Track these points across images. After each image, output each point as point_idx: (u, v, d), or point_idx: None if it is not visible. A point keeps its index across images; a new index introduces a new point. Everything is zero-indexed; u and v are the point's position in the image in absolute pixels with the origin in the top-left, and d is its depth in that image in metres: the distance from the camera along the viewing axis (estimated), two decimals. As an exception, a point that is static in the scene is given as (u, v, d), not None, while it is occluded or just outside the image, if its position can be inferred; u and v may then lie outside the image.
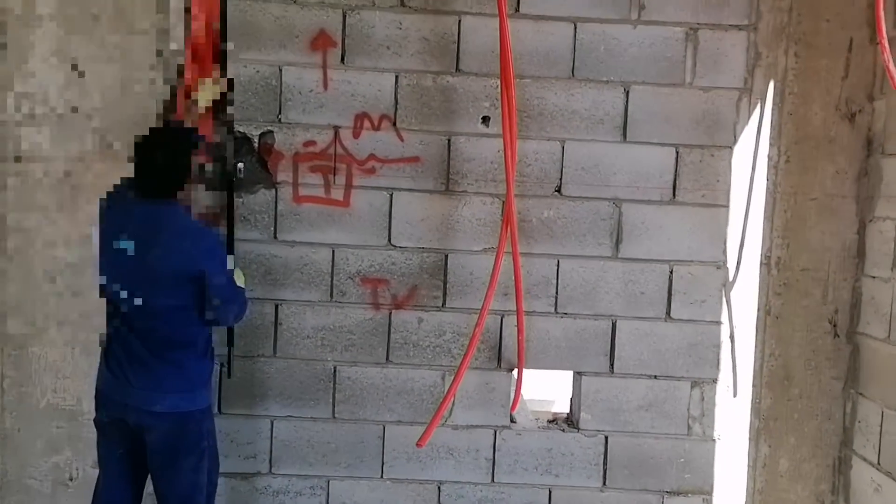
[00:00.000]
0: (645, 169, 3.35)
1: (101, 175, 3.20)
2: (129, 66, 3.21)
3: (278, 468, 3.41)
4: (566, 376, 3.57)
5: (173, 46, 3.25)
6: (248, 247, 3.32)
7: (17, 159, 3.17)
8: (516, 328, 3.34)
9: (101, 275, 2.74)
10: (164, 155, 2.67)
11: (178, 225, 2.68)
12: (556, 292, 3.39)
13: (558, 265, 3.39)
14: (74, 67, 3.17)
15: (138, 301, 2.65)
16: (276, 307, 3.36)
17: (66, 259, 3.23)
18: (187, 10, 3.19)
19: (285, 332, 3.36)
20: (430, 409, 3.35)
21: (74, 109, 3.19)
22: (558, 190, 3.37)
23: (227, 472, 3.34)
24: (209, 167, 2.91)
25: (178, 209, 2.73)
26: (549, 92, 3.33)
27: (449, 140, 3.34)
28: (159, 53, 3.24)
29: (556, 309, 3.40)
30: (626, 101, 3.35)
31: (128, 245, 2.66)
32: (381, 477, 3.42)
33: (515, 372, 3.43)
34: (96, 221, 2.80)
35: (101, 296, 2.77)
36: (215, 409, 3.34)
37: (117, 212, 2.74)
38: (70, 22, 3.15)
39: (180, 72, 3.22)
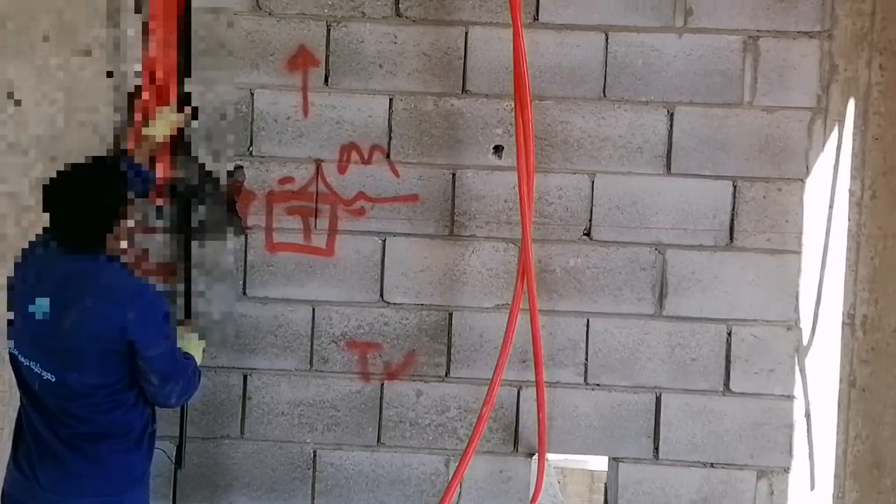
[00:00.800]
0: (694, 207, 2.74)
1: (39, 223, 2.68)
2: (74, 92, 2.70)
3: (247, 573, 2.79)
4: (600, 460, 2.90)
5: (126, 68, 2.74)
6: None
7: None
8: (536, 403, 2.71)
9: (9, 339, 2.18)
10: (81, 197, 2.11)
11: (102, 283, 2.11)
12: (586, 359, 2.76)
13: (588, 325, 2.76)
14: (10, 95, 2.67)
15: (49, 377, 2.08)
16: (245, 378, 2.78)
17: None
18: (144, 24, 2.69)
19: (255, 407, 2.78)
20: (432, 502, 2.73)
21: (10, 145, 2.68)
22: (587, 233, 2.76)
23: (183, 581, 2.73)
24: (153, 210, 2.35)
25: (107, 264, 2.15)
26: (575, 115, 2.75)
27: (454, 174, 2.76)
28: (109, 75, 2.74)
29: (585, 379, 2.76)
30: (671, 125, 2.75)
31: (41, 307, 2.10)
32: (373, 587, 2.78)
33: (536, 457, 2.79)
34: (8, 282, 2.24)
35: (13, 368, 2.21)
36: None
37: (34, 268, 2.17)
38: (3, 40, 2.67)
39: (135, 96, 2.72)
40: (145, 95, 2.68)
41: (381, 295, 2.78)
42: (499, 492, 2.78)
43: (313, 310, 2.78)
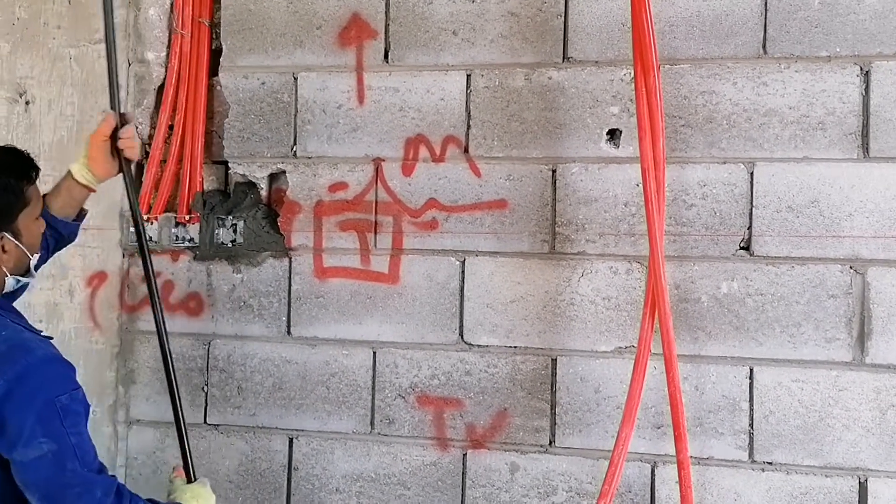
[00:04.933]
0: (910, 204, 1.87)
1: (50, 244, 2.20)
2: (91, 87, 2.23)
3: None
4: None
5: (150, 56, 2.25)
6: (249, 348, 2.17)
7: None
8: (679, 488, 1.90)
9: None
10: None
11: None
12: (751, 426, 1.93)
13: (752, 377, 1.94)
14: (21, 95, 2.23)
15: None
16: (291, 442, 2.15)
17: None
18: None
19: (304, 481, 2.14)
20: None
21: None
22: (746, 246, 1.95)
23: None
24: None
25: None
26: (722, 82, 1.97)
27: (554, 171, 2.04)
28: (129, 64, 2.25)
29: (751, 455, 1.93)
30: (866, 89, 1.91)
31: None
32: None
33: (681, 565, 1.97)
34: None
35: None
36: None
37: None
38: (15, 32, 2.23)
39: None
40: (170, 91, 2.18)
41: (461, 334, 2.08)
42: None
43: (374, 354, 2.12)
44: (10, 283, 1.50)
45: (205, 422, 2.18)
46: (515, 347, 2.06)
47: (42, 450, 1.37)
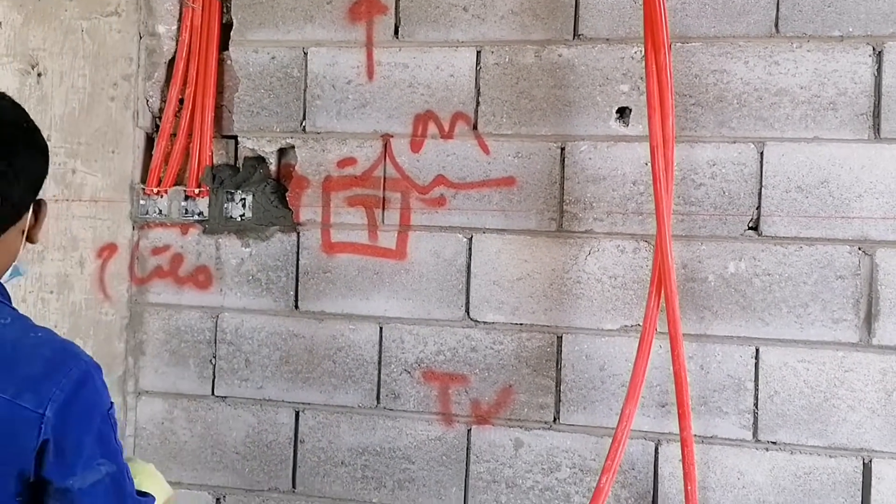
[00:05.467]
0: (920, 185, 1.86)
1: (60, 217, 2.22)
2: (102, 60, 2.23)
3: None
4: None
5: (161, 29, 2.25)
6: (257, 321, 2.18)
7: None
8: (682, 466, 1.91)
9: None
10: None
11: None
12: (756, 405, 1.94)
13: (758, 357, 1.94)
14: (34, 67, 2.24)
15: None
16: (297, 415, 2.17)
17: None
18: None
19: (310, 454, 2.16)
20: None
21: (30, 125, 2.23)
22: (754, 226, 1.95)
23: None
24: None
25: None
26: (734, 61, 1.96)
27: (563, 149, 2.04)
28: (140, 37, 2.25)
29: (755, 434, 1.94)
30: (878, 69, 1.90)
31: None
32: None
33: (683, 542, 1.98)
34: None
35: None
36: (206, 569, 2.18)
37: None
38: (28, 4, 2.24)
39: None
40: (181, 65, 2.18)
41: (467, 311, 2.09)
42: (629, 586, 1.99)
43: (381, 329, 2.13)
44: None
45: (212, 394, 2.20)
46: (521, 325, 2.06)
47: (101, 473, 1.14)
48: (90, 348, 2.20)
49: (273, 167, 2.21)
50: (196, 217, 2.20)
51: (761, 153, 1.95)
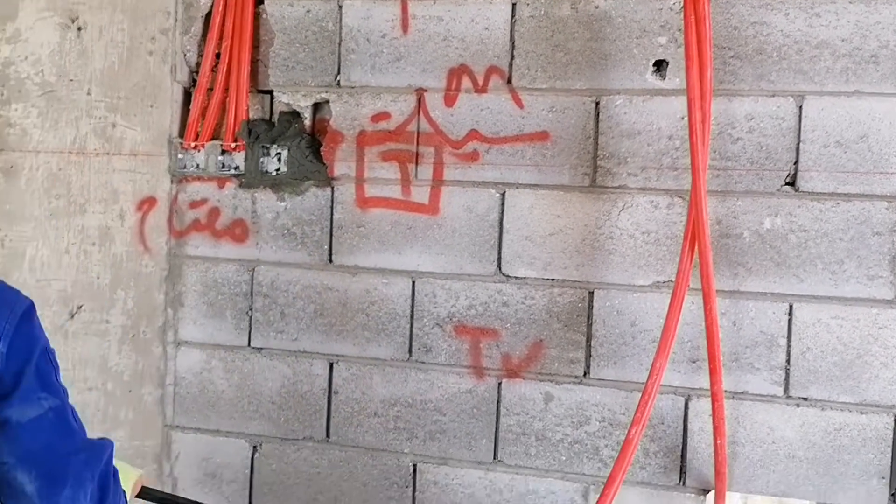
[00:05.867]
0: (964, 139, 1.82)
1: (101, 170, 2.27)
2: (140, 14, 2.25)
3: None
4: None
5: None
6: (292, 275, 2.22)
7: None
8: (712, 421, 1.92)
9: None
10: None
11: None
12: (788, 361, 1.93)
13: (791, 314, 1.93)
14: (73, 21, 2.27)
15: None
16: (331, 366, 2.21)
17: (59, 286, 2.30)
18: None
19: (343, 405, 2.21)
20: (564, 544, 2.04)
21: (70, 81, 2.28)
22: (791, 182, 1.93)
23: None
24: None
25: None
26: (774, 13, 1.92)
27: (597, 103, 2.03)
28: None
29: (786, 390, 1.94)
30: (924, 20, 1.85)
31: None
32: None
33: (711, 496, 2.00)
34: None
35: None
36: (243, 514, 2.26)
37: None
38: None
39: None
40: (217, 19, 2.20)
41: (499, 266, 2.10)
42: (657, 537, 2.02)
43: (413, 283, 2.16)
44: None
45: (249, 345, 2.25)
46: (553, 280, 2.07)
47: (43, 407, 1.10)
48: (132, 299, 2.26)
49: (308, 122, 2.23)
50: (232, 171, 2.23)
51: (800, 107, 1.92)
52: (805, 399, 1.93)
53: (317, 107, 2.23)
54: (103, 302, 2.25)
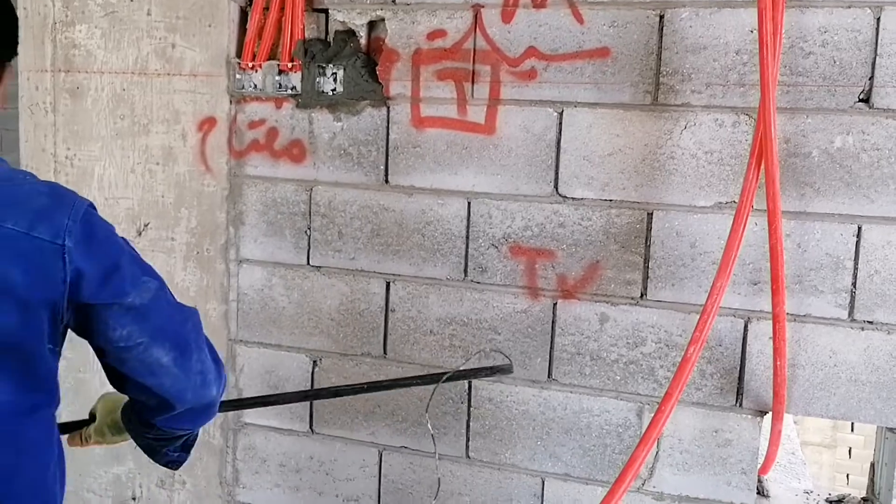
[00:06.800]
0: None
1: (163, 91, 2.31)
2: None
3: (388, 521, 2.33)
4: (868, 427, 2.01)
5: None
6: (349, 195, 2.24)
7: (65, 73, 2.37)
8: (773, 343, 1.90)
9: None
10: None
11: None
12: (854, 284, 1.88)
13: (859, 236, 1.87)
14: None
15: None
16: (388, 285, 2.25)
17: (127, 204, 2.37)
18: None
19: (400, 322, 2.25)
20: (618, 461, 2.06)
21: (130, 1, 2.30)
22: (865, 98, 1.84)
23: (316, 518, 2.35)
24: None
25: None
26: (854, -85, 1.80)
27: (661, 17, 1.95)
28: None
29: (851, 313, 1.89)
30: None
31: None
32: (538, 557, 2.19)
33: (769, 417, 1.99)
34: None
35: None
36: (306, 427, 2.34)
37: None
38: None
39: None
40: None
41: (556, 187, 2.08)
42: (712, 458, 2.03)
43: (469, 204, 2.15)
44: None
45: (308, 263, 2.30)
46: (611, 201, 2.04)
47: (152, 288, 1.19)
48: (195, 217, 2.32)
49: (363, 41, 2.21)
50: (289, 91, 2.24)
51: (878, 19, 1.82)
52: (870, 323, 1.88)
53: (372, 25, 2.20)
54: (168, 220, 2.32)
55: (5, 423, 1.13)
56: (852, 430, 7.43)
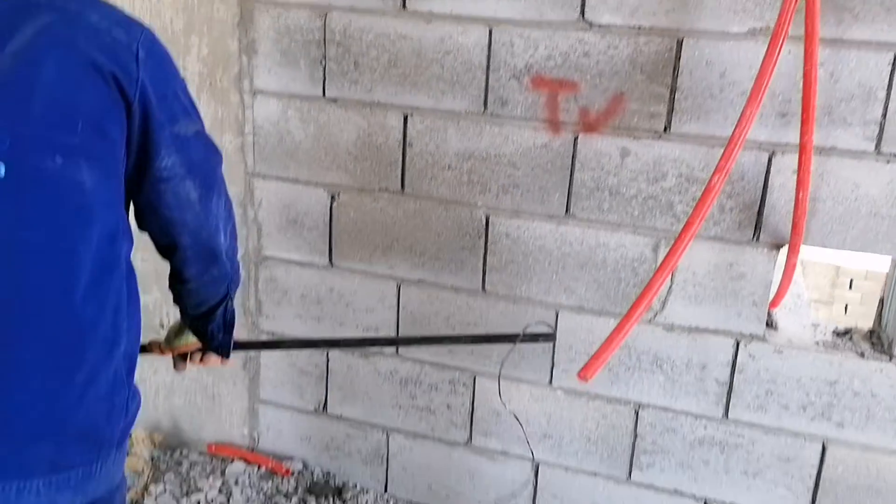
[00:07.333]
0: None
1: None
2: None
3: (406, 349, 2.41)
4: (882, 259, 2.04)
5: None
6: (365, 21, 2.15)
7: None
8: (796, 176, 1.88)
9: None
10: None
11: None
12: (884, 116, 1.84)
13: (894, 63, 1.81)
14: None
15: None
16: (405, 119, 2.21)
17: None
18: None
19: (417, 157, 2.22)
20: (631, 293, 2.10)
21: None
22: (919, -87, 1.72)
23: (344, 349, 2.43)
24: None
25: None
26: None
27: None
28: None
29: (878, 146, 1.86)
30: None
31: None
32: (550, 383, 2.28)
33: (784, 250, 2.00)
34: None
35: None
36: (325, 261, 2.38)
37: None
38: None
39: None
40: None
41: (582, 12, 1.99)
42: (724, 290, 2.06)
43: (490, 32, 2.08)
44: None
45: (323, 95, 2.25)
46: (639, 27, 1.96)
47: (197, 124, 1.24)
48: (206, 45, 2.25)
49: None
50: None
51: None
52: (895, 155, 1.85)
53: None
54: (178, 48, 2.24)
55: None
56: (850, 287, 7.56)
